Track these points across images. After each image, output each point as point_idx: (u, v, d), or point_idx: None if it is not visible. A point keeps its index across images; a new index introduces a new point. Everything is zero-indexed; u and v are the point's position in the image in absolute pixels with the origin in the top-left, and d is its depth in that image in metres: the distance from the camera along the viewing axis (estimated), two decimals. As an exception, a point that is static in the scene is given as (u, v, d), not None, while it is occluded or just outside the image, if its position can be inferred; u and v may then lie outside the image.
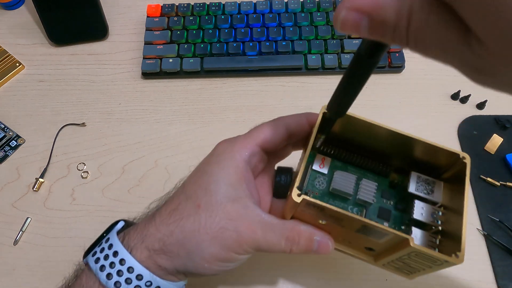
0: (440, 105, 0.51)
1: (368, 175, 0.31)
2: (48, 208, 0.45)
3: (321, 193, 0.30)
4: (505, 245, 0.41)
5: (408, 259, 0.27)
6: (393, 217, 0.29)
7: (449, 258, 0.24)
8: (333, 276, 0.41)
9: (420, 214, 0.28)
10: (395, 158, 0.30)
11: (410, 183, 0.29)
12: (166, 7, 0.57)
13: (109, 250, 0.27)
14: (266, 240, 0.27)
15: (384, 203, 0.30)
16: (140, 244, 0.27)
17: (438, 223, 0.28)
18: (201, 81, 0.54)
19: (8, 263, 0.43)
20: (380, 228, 0.25)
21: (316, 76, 0.53)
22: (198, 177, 0.28)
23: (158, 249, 0.27)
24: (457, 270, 0.41)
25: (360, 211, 0.29)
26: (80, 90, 0.53)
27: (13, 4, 0.60)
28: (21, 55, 0.56)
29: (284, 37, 0.54)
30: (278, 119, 0.30)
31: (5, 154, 0.49)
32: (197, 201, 0.27)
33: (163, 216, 0.28)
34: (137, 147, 0.49)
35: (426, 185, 0.29)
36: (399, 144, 0.28)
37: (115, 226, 0.30)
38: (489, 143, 0.47)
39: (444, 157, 0.28)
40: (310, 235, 0.28)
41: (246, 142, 0.29)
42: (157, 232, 0.27)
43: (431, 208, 0.29)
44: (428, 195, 0.29)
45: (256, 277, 0.41)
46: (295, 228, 0.28)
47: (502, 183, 0.44)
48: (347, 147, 0.31)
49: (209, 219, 0.26)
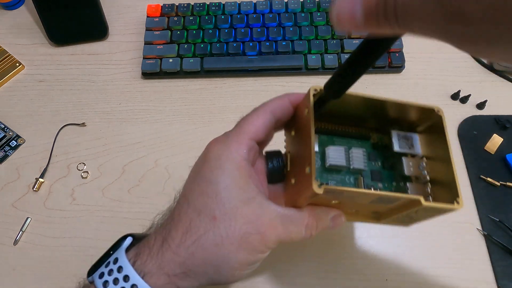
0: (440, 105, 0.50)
1: (352, 141, 0.32)
2: (48, 208, 0.45)
3: (318, 171, 0.30)
4: (505, 245, 0.41)
5: (415, 213, 0.28)
6: (384, 177, 0.31)
7: (453, 206, 0.26)
8: (333, 276, 0.41)
9: (409, 170, 0.30)
10: (372, 120, 0.32)
11: (393, 142, 0.31)
12: (166, 7, 0.57)
13: (118, 274, 0.25)
14: (288, 232, 0.27)
15: (373, 165, 0.31)
16: (156, 270, 0.25)
17: (425, 174, 0.30)
18: (201, 81, 0.54)
19: (8, 263, 0.43)
20: (395, 197, 0.26)
21: (316, 76, 0.53)
22: (203, 187, 0.27)
23: (180, 273, 0.25)
24: (457, 270, 0.41)
25: (356, 178, 0.30)
26: (80, 90, 0.53)
27: (13, 4, 0.60)
28: (21, 55, 0.56)
29: (284, 37, 0.54)
30: (263, 107, 0.29)
31: (5, 154, 0.49)
32: (212, 214, 0.26)
33: (176, 240, 0.26)
34: (137, 147, 0.49)
35: (406, 141, 0.31)
36: (373, 108, 0.29)
37: (123, 243, 0.28)
38: (489, 143, 0.47)
39: (418, 113, 0.30)
40: (326, 216, 0.29)
41: (240, 139, 0.28)
42: (176, 256, 0.25)
43: (416, 160, 0.30)
44: (409, 149, 0.31)
45: (256, 277, 0.41)
46: (312, 214, 0.28)
47: (502, 183, 0.44)
48: (327, 118, 0.31)
49: (229, 228, 0.25)
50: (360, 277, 0.40)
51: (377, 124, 0.32)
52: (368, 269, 0.41)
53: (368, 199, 0.27)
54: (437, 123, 0.29)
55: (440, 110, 0.29)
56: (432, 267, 0.41)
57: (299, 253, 0.42)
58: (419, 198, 0.26)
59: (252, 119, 0.29)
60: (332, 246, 0.42)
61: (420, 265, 0.41)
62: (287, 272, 0.41)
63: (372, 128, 0.32)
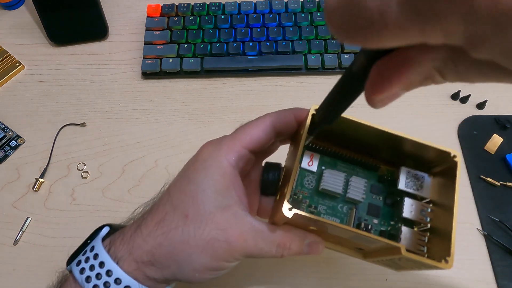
0: (440, 105, 0.51)
1: (357, 169, 0.31)
2: (48, 208, 0.45)
3: (310, 192, 0.29)
4: (505, 245, 0.41)
5: (399, 261, 0.27)
6: (382, 213, 0.29)
7: (439, 264, 0.24)
8: (333, 276, 0.41)
9: (409, 212, 0.28)
10: (384, 152, 0.30)
11: (400, 180, 0.29)
12: (166, 7, 0.57)
13: (94, 260, 0.26)
14: (257, 248, 0.26)
15: (373, 199, 0.30)
16: (127, 256, 0.26)
17: (427, 220, 0.28)
18: (201, 81, 0.54)
19: (8, 263, 0.43)
20: (373, 238, 0.24)
21: (316, 76, 0.53)
22: (184, 185, 0.27)
23: (146, 261, 0.26)
24: (457, 270, 0.41)
25: (350, 208, 0.29)
26: (80, 90, 0.53)
27: (13, 4, 0.60)
28: (21, 55, 0.56)
29: (284, 37, 0.54)
30: (264, 118, 0.29)
31: (5, 154, 0.49)
32: (185, 211, 0.26)
33: (149, 227, 0.27)
34: (137, 147, 0.49)
35: (415, 181, 0.29)
36: (388, 142, 0.28)
37: (100, 232, 0.29)
38: (489, 143, 0.47)
39: (434, 154, 0.28)
40: (301, 240, 0.28)
41: (232, 145, 0.28)
42: (145, 244, 0.26)
43: (420, 204, 0.29)
44: (417, 191, 0.29)
45: (256, 277, 0.41)
46: (286, 234, 0.27)
47: (502, 183, 0.44)
48: (336, 141, 0.30)
49: (198, 230, 0.26)
50: (360, 277, 0.40)
51: (390, 156, 0.30)
52: (368, 269, 0.41)
53: (345, 234, 0.26)
54: (451, 168, 0.27)
55: (456, 156, 0.27)
56: (432, 267, 0.41)
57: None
58: (399, 246, 0.24)
59: (249, 128, 0.29)
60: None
61: (420, 265, 0.41)
62: (287, 272, 0.41)
63: (383, 159, 0.31)
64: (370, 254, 0.30)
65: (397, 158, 0.30)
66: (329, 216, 0.29)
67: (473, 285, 0.40)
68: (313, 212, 0.29)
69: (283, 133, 0.30)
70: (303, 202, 0.29)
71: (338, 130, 0.29)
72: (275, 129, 0.29)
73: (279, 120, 0.29)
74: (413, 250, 0.27)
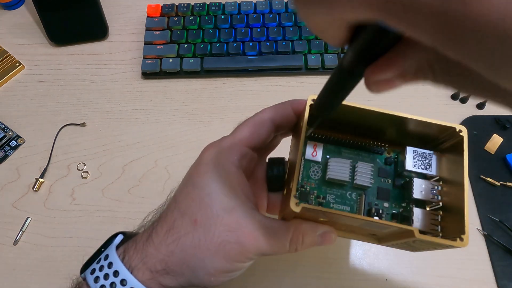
0: (440, 105, 0.51)
1: (362, 154, 0.30)
2: (48, 208, 0.45)
3: (317, 183, 0.29)
4: (505, 245, 0.41)
5: (413, 243, 0.26)
6: (392, 196, 0.29)
7: (454, 243, 0.23)
8: (333, 276, 0.41)
9: (420, 193, 0.27)
10: (389, 132, 0.29)
11: (407, 160, 0.28)
12: (166, 7, 0.57)
13: (109, 269, 0.26)
14: (270, 245, 0.26)
15: (382, 182, 0.29)
16: (141, 265, 0.26)
17: (438, 199, 0.27)
18: (201, 81, 0.54)
19: (8, 263, 0.43)
20: (385, 224, 0.24)
21: (316, 76, 0.53)
22: (190, 191, 0.27)
23: (160, 270, 0.26)
24: (457, 270, 0.41)
25: (359, 195, 0.29)
26: (80, 90, 0.53)
27: (13, 4, 0.60)
28: (21, 55, 0.56)
29: (284, 37, 0.54)
30: (262, 113, 0.29)
31: (5, 154, 0.49)
32: (193, 217, 0.26)
33: (160, 236, 0.26)
34: (137, 147, 0.49)
35: (423, 159, 0.28)
36: (391, 124, 0.28)
37: (114, 240, 0.29)
38: (489, 143, 0.47)
39: (439, 131, 0.27)
40: (313, 232, 0.27)
41: (233, 146, 0.28)
42: (157, 253, 0.26)
43: (430, 183, 0.28)
44: (425, 169, 0.28)
45: (256, 277, 0.41)
46: (298, 229, 0.27)
47: (502, 183, 0.44)
48: (338, 128, 0.30)
49: (208, 234, 0.25)
50: (360, 277, 0.40)
51: (395, 136, 0.29)
52: (368, 269, 0.41)
53: (356, 222, 0.26)
54: (458, 143, 0.26)
55: (462, 130, 0.26)
56: (432, 267, 0.41)
57: (299, 253, 0.42)
58: (412, 229, 0.24)
59: (248, 125, 0.28)
60: (332, 246, 0.42)
61: (420, 265, 0.41)
62: (286, 272, 0.41)
63: (389, 140, 0.30)
64: (384, 238, 0.29)
65: (401, 138, 0.29)
66: (338, 205, 0.29)
67: (473, 285, 0.40)
68: (322, 203, 0.29)
69: (283, 127, 0.29)
70: (311, 193, 0.29)
71: (339, 117, 0.28)
72: (274, 123, 0.29)
73: (277, 114, 0.29)
74: (427, 230, 0.26)
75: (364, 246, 0.42)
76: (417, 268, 0.41)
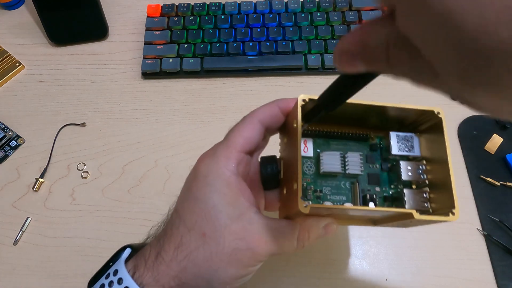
0: (440, 105, 0.50)
1: (350, 144, 0.31)
2: (48, 208, 0.45)
3: (312, 178, 0.30)
4: (505, 245, 0.41)
5: (410, 222, 0.28)
6: (382, 180, 0.30)
7: (447, 218, 0.25)
8: (333, 276, 0.41)
9: (407, 175, 0.29)
10: (372, 120, 0.31)
11: (391, 145, 0.30)
12: (166, 7, 0.57)
13: (119, 285, 0.26)
14: (279, 246, 0.27)
15: (370, 168, 0.31)
16: (154, 283, 0.26)
17: (425, 178, 0.29)
18: (201, 81, 0.54)
19: (8, 263, 0.43)
20: (386, 212, 0.26)
21: (316, 76, 0.53)
22: (192, 205, 0.27)
23: (175, 285, 0.26)
24: (457, 270, 0.41)
25: (352, 183, 0.30)
26: (80, 90, 0.53)
27: (13, 4, 0.60)
28: (21, 55, 0.56)
29: (284, 37, 0.54)
30: (251, 117, 0.29)
31: (5, 154, 0.49)
32: (201, 231, 0.26)
33: (169, 254, 0.26)
34: (137, 147, 0.49)
35: (406, 142, 0.30)
36: (373, 112, 0.29)
37: (122, 254, 0.29)
38: (489, 143, 0.47)
39: (418, 115, 0.29)
40: (317, 227, 0.28)
41: (229, 153, 0.27)
42: (169, 270, 0.26)
43: (415, 164, 0.30)
44: (409, 152, 0.30)
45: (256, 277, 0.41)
46: (303, 226, 0.28)
47: (502, 183, 0.44)
48: (324, 121, 0.31)
49: (218, 245, 0.26)
50: (360, 277, 0.40)
51: (377, 123, 0.31)
52: (368, 269, 0.41)
53: (359, 213, 0.27)
54: (438, 124, 0.29)
55: (440, 112, 0.29)
56: (432, 267, 0.41)
57: (299, 254, 0.42)
58: (411, 212, 0.25)
59: (239, 130, 0.29)
60: (332, 246, 0.42)
61: (420, 265, 0.41)
62: (286, 272, 0.41)
63: (371, 127, 0.32)
64: (380, 221, 0.31)
65: (384, 124, 0.31)
66: (335, 196, 0.30)
67: (473, 285, 0.40)
68: (320, 196, 0.30)
69: (272, 128, 0.30)
70: (308, 189, 0.30)
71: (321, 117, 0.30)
72: (264, 125, 0.29)
73: (266, 115, 0.29)
74: (419, 208, 0.28)
75: (364, 246, 0.42)
76: (417, 268, 0.41)
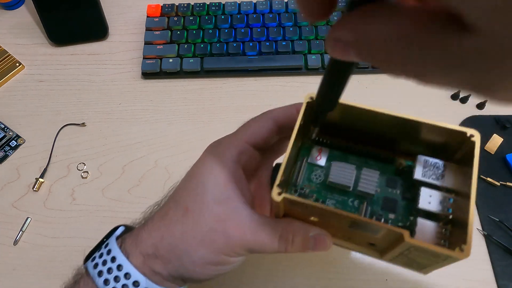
0: (440, 105, 0.51)
1: (371, 163, 0.28)
2: (48, 208, 0.45)
3: (318, 187, 0.28)
4: (505, 245, 0.41)
5: (410, 254, 0.24)
6: (400, 208, 0.27)
7: (452, 252, 0.21)
8: (333, 276, 0.41)
9: (427, 203, 0.25)
10: (400, 142, 0.28)
11: (416, 169, 0.26)
12: (166, 7, 0.57)
13: (107, 256, 0.27)
14: (257, 240, 0.26)
15: (389, 192, 0.27)
16: (135, 249, 0.27)
17: (449, 212, 0.25)
18: (201, 81, 0.54)
19: (8, 263, 0.43)
20: (369, 223, 0.23)
21: (316, 76, 0.53)
22: (186, 182, 0.28)
23: (151, 254, 0.26)
24: (457, 270, 0.41)
25: (361, 203, 0.27)
26: (80, 90, 0.53)
27: (13, 4, 0.60)
28: (21, 55, 0.56)
29: (284, 37, 0.54)
30: (266, 113, 0.29)
31: (5, 154, 0.49)
32: (185, 204, 0.27)
33: (154, 222, 0.27)
34: (137, 147, 0.49)
35: (435, 170, 0.26)
36: (400, 128, 0.26)
37: (115, 232, 0.30)
38: (489, 143, 0.47)
39: (451, 138, 0.25)
40: (304, 232, 0.27)
41: (233, 140, 0.28)
42: (149, 237, 0.27)
43: (441, 195, 0.26)
44: (437, 180, 0.26)
45: (256, 277, 0.41)
46: (288, 226, 0.27)
47: (502, 183, 0.44)
48: (346, 135, 0.28)
49: (197, 222, 0.26)
50: (360, 277, 0.40)
51: (407, 146, 0.28)
52: (368, 269, 0.41)
53: (343, 221, 0.24)
54: (470, 151, 0.24)
55: (475, 135, 0.24)
56: (432, 267, 0.41)
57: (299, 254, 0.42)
58: (401, 232, 0.22)
59: (249, 123, 0.29)
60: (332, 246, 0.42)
61: (420, 265, 0.41)
62: (286, 272, 0.41)
63: (400, 151, 0.28)
64: (384, 250, 0.28)
65: (414, 147, 0.27)
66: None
67: (473, 285, 0.40)
68: None
69: (287, 128, 0.29)
70: (310, 196, 0.28)
71: (346, 122, 0.27)
72: (277, 123, 0.29)
73: (281, 114, 0.29)
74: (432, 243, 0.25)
75: (364, 246, 0.42)
76: (417, 268, 0.41)
